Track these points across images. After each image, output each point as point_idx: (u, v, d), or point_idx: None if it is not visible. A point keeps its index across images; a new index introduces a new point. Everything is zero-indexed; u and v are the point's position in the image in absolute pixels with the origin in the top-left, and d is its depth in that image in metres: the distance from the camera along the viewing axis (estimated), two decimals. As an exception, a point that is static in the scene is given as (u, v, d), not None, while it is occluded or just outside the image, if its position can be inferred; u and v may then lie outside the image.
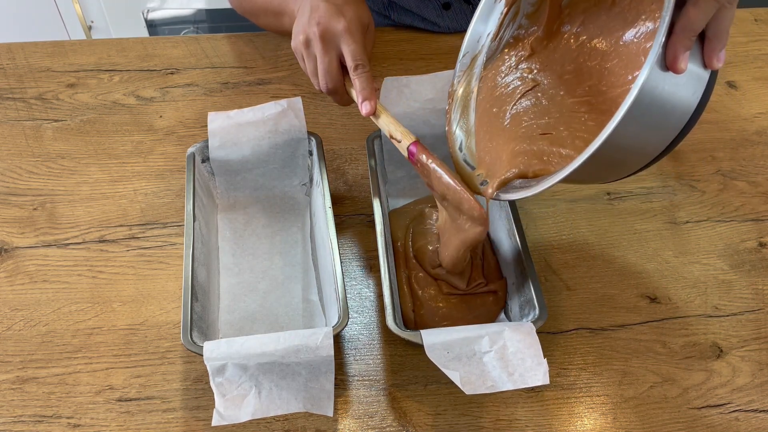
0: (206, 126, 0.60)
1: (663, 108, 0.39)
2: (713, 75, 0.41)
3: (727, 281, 0.61)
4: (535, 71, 0.52)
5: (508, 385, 0.46)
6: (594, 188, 0.67)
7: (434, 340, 0.47)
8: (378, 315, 0.58)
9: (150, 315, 0.57)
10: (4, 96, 0.73)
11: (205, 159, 0.61)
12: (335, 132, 0.72)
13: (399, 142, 0.52)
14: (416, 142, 0.52)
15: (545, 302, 0.52)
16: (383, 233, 0.55)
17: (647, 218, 0.65)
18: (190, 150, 0.60)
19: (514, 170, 0.47)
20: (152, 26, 1.59)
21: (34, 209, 0.64)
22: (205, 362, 0.46)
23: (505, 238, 0.59)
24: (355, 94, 0.56)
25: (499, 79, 0.53)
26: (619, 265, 0.62)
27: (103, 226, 0.63)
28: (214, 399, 0.46)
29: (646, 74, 0.37)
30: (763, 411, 0.53)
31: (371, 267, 0.61)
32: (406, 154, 0.52)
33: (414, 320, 0.56)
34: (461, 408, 0.53)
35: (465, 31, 0.54)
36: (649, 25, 0.46)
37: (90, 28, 1.55)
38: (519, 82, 0.52)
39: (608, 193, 0.67)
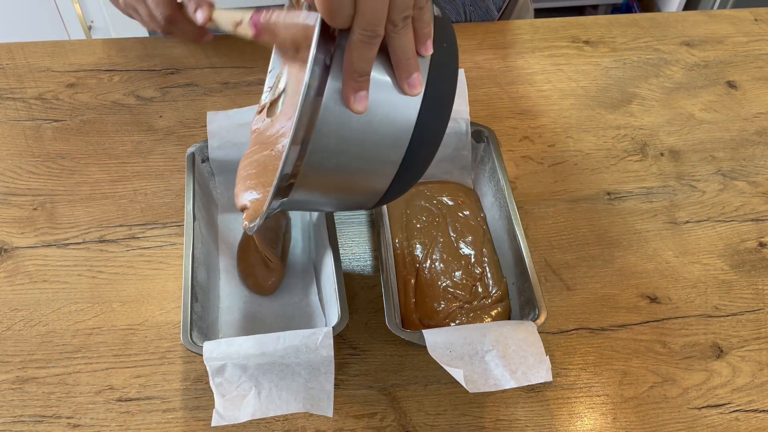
0: (206, 126, 0.60)
1: (363, 132, 0.40)
2: (435, 98, 0.41)
3: (727, 281, 0.61)
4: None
5: (511, 383, 0.46)
6: (594, 188, 0.67)
7: (436, 339, 0.47)
8: (378, 315, 0.58)
9: (150, 315, 0.57)
10: (4, 96, 0.73)
11: (205, 159, 0.61)
12: (335, 132, 0.72)
13: (241, 23, 0.50)
14: (257, 11, 0.49)
15: (545, 302, 0.52)
16: (383, 233, 0.55)
17: (647, 218, 0.65)
18: (190, 150, 0.60)
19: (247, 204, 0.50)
20: (152, 26, 1.59)
21: (34, 209, 0.64)
22: (205, 362, 0.46)
23: (505, 238, 0.59)
24: (188, 9, 0.57)
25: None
26: (619, 265, 0.62)
27: (103, 226, 0.63)
28: (213, 399, 0.46)
29: (297, 116, 0.38)
30: (763, 411, 0.53)
31: (371, 267, 0.61)
32: (251, 32, 0.49)
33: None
34: (461, 408, 0.53)
35: None
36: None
37: (90, 28, 1.55)
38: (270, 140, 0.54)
39: (608, 193, 0.67)
